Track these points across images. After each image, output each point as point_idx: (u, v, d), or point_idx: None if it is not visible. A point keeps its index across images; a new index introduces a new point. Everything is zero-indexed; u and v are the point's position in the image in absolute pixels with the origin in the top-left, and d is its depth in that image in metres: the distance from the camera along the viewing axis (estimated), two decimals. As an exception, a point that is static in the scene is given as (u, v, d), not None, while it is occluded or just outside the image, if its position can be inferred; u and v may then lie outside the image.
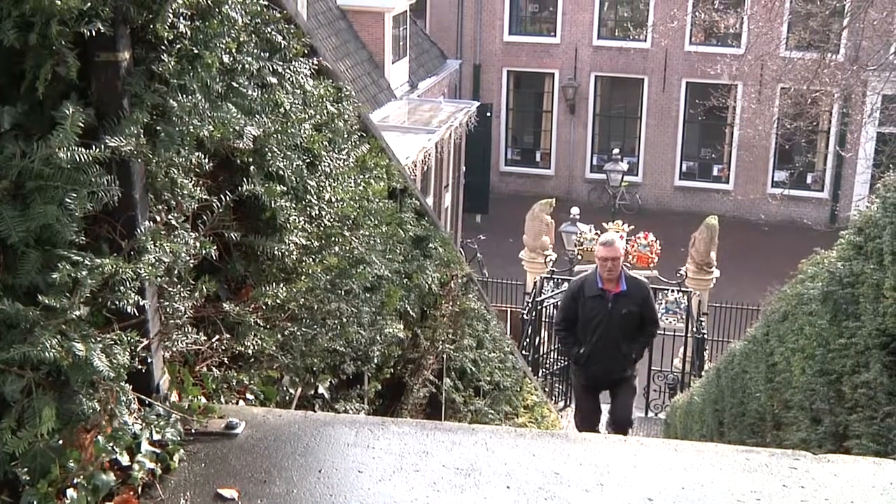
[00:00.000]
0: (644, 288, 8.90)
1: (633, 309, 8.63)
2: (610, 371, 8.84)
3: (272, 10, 3.18)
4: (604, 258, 8.59)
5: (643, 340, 8.99)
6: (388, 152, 5.04)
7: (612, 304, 8.61)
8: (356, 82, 23.08)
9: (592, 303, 8.66)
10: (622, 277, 8.72)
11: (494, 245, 25.98)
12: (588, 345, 8.76)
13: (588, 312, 8.69)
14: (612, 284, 8.63)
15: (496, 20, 32.73)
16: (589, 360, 8.81)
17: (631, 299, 8.64)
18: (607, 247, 8.62)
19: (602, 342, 8.68)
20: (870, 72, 18.40)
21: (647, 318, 8.84)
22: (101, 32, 2.22)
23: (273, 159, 3.12)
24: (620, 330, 8.65)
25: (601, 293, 8.64)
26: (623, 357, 8.79)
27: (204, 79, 2.59)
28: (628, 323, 8.66)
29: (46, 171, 2.11)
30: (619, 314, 8.61)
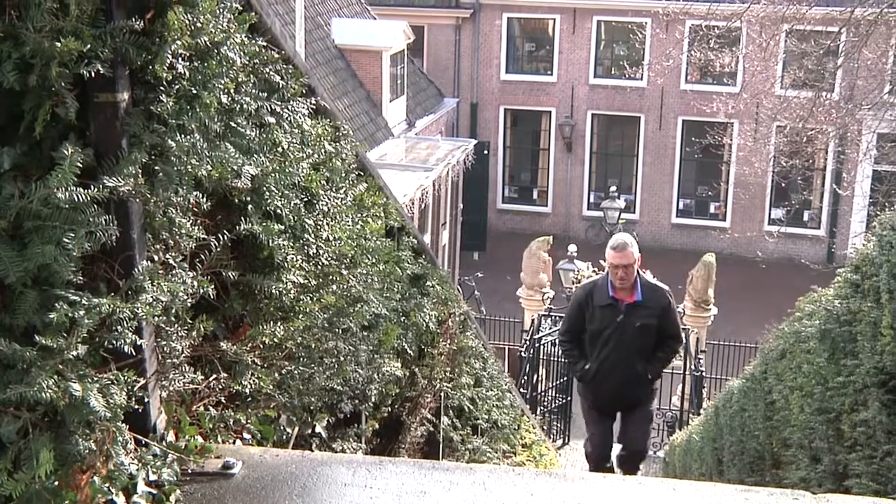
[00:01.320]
0: (664, 297, 7.60)
1: (649, 321, 7.44)
2: (621, 393, 7.67)
3: (270, 50, 3.21)
4: (614, 265, 7.39)
5: (661, 357, 7.68)
6: (386, 191, 5.06)
7: (624, 315, 7.43)
8: (354, 121, 23.17)
9: (602, 313, 7.49)
10: (637, 285, 7.51)
11: (492, 283, 25.97)
12: (595, 360, 7.60)
13: (597, 323, 7.53)
14: (626, 293, 7.47)
15: (493, 59, 32.93)
16: (597, 378, 7.65)
17: (648, 310, 7.44)
18: (618, 252, 7.38)
19: (612, 358, 7.53)
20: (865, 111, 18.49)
21: (666, 331, 7.59)
22: (100, 73, 2.23)
23: (271, 198, 3.13)
24: (634, 345, 7.48)
25: (612, 302, 7.46)
26: (637, 377, 7.56)
27: (202, 119, 2.61)
28: (643, 337, 7.49)
29: (45, 211, 2.11)
30: (632, 327, 7.43)
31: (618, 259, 7.36)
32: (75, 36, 2.12)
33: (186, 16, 2.51)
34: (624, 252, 7.35)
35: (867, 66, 19.15)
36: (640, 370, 7.54)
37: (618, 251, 7.37)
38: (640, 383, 7.61)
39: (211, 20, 2.63)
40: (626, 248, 7.37)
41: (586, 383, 7.80)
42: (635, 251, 7.43)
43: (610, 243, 7.55)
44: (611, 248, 7.45)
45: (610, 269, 7.47)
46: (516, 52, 33.37)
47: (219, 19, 2.70)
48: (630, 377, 7.55)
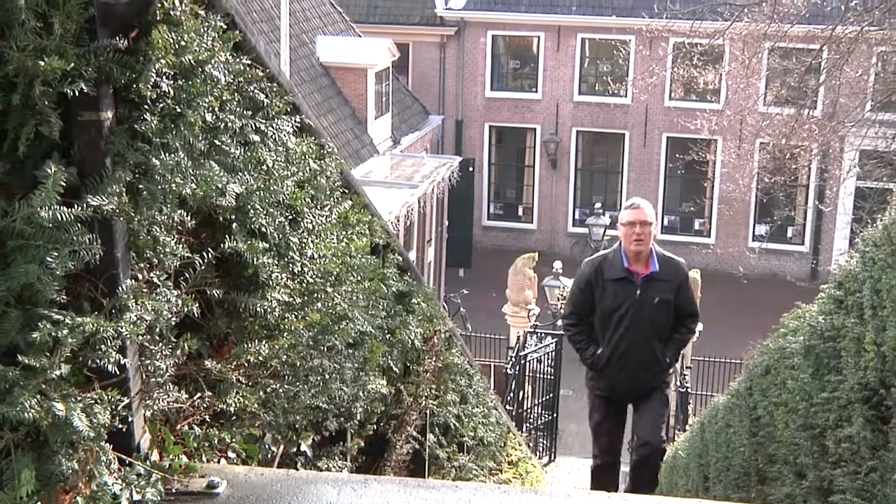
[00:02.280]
0: (681, 270, 6.98)
1: (667, 297, 6.80)
2: (638, 379, 6.93)
3: (255, 68, 3.21)
4: (630, 222, 6.72)
5: (679, 338, 7.01)
6: (371, 208, 5.06)
7: (641, 289, 6.76)
8: (339, 138, 23.19)
9: (616, 288, 6.80)
10: (653, 256, 6.84)
11: (477, 299, 25.97)
12: (610, 344, 6.89)
13: (609, 301, 6.83)
14: (642, 264, 6.79)
15: (478, 76, 33.03)
16: (610, 363, 6.92)
17: (665, 283, 6.80)
18: (634, 208, 6.76)
19: (629, 340, 6.83)
20: (847, 128, 18.63)
21: (683, 309, 6.95)
22: (84, 92, 2.23)
23: (255, 216, 3.13)
24: (651, 324, 6.82)
25: (627, 275, 6.78)
26: (655, 360, 6.89)
27: (187, 137, 2.61)
28: (662, 315, 6.84)
29: (28, 230, 2.11)
30: (650, 303, 6.77)
31: (634, 215, 6.71)
32: (59, 55, 2.12)
33: (171, 35, 2.52)
34: (640, 209, 6.75)
35: (849, 83, 19.29)
36: (657, 353, 6.87)
37: (634, 207, 6.78)
38: (657, 368, 6.94)
39: (195, 39, 2.63)
40: (642, 205, 6.81)
41: (598, 369, 7.05)
42: (651, 214, 6.83)
43: (624, 204, 6.98)
44: (626, 208, 6.87)
45: (625, 233, 6.78)
46: (501, 70, 33.49)
47: (203, 38, 2.70)
48: (647, 361, 6.86)
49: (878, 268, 4.20)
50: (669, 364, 7.00)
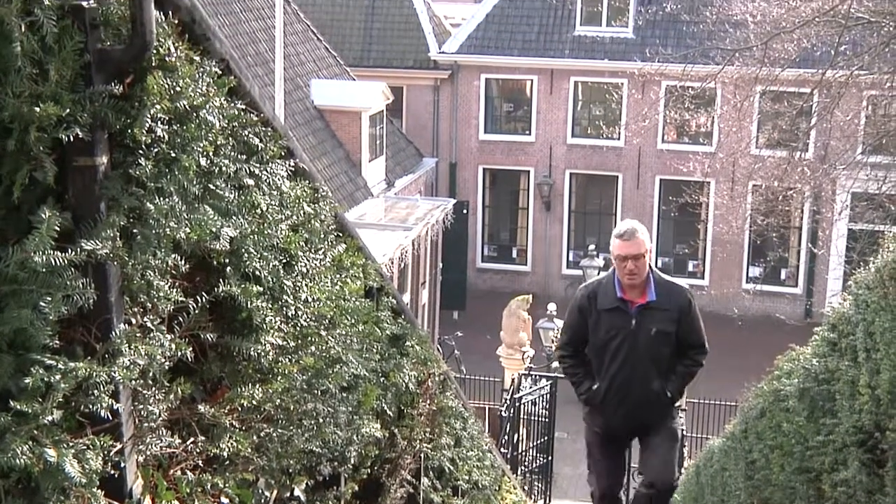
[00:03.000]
0: (682, 296, 6.36)
1: (666, 327, 6.24)
2: (637, 417, 6.44)
3: (250, 113, 3.22)
4: (622, 257, 6.14)
5: (683, 372, 6.40)
6: (365, 251, 5.07)
7: (636, 319, 6.23)
8: (333, 181, 23.26)
9: (609, 318, 6.29)
10: (650, 282, 6.26)
11: (472, 342, 25.92)
12: (605, 378, 6.38)
13: (603, 333, 6.31)
14: (637, 292, 6.25)
15: (472, 119, 33.21)
16: (607, 399, 6.43)
17: (664, 313, 6.23)
18: (626, 240, 6.14)
19: (624, 374, 6.32)
20: (839, 170, 18.75)
21: (687, 340, 6.35)
22: (79, 138, 2.24)
23: (250, 260, 3.13)
24: (649, 357, 6.27)
25: (621, 305, 6.27)
26: (654, 397, 6.34)
27: (181, 182, 2.61)
28: (660, 347, 6.27)
29: (21, 275, 2.10)
30: (647, 335, 6.23)
31: (625, 248, 6.11)
32: (55, 101, 2.13)
33: (166, 80, 2.53)
34: (633, 240, 6.11)
35: (840, 126, 19.43)
36: (657, 388, 6.32)
37: (625, 239, 6.13)
38: (658, 404, 6.37)
39: (190, 84, 2.65)
40: (635, 234, 6.13)
41: (594, 405, 6.57)
42: (646, 240, 6.21)
43: (615, 231, 6.30)
44: (616, 237, 6.20)
45: (616, 264, 6.23)
46: (494, 113, 33.69)
47: (198, 83, 2.72)
48: (646, 397, 6.32)
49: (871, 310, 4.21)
50: (672, 400, 6.41)
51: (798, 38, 16.73)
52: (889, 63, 16.06)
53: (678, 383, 6.42)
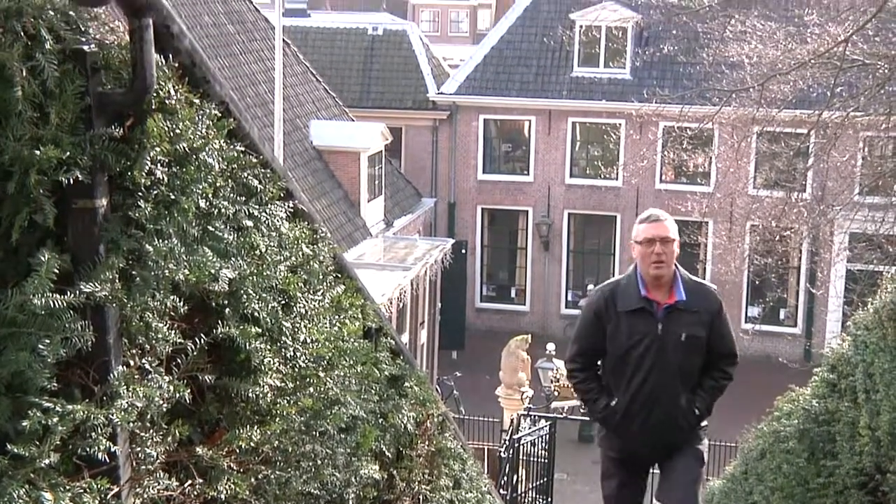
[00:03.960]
0: (713, 297, 5.63)
1: (697, 332, 5.44)
2: (662, 437, 5.59)
3: (249, 155, 3.24)
4: (648, 239, 5.38)
5: (713, 386, 5.61)
6: (364, 292, 5.07)
7: (663, 324, 5.42)
8: (332, 221, 23.29)
9: (632, 322, 5.47)
10: (678, 280, 5.49)
11: (471, 382, 25.84)
12: (626, 393, 5.54)
13: (624, 339, 5.48)
14: (664, 292, 5.45)
15: (470, 159, 33.32)
16: (627, 418, 5.58)
17: (694, 316, 5.45)
18: (652, 221, 5.43)
19: (649, 388, 5.48)
20: (836, 211, 18.80)
21: (718, 348, 5.57)
22: (79, 180, 2.25)
23: (248, 301, 3.13)
24: (678, 367, 5.46)
25: (645, 306, 5.45)
26: (683, 414, 5.53)
27: (180, 223, 2.62)
28: (691, 356, 5.47)
29: (20, 317, 2.10)
30: (675, 341, 5.43)
31: (653, 230, 5.36)
32: (55, 144, 2.15)
33: (166, 123, 2.55)
34: (660, 223, 5.39)
35: (837, 167, 19.51)
36: (684, 405, 5.51)
37: (651, 220, 5.42)
38: (686, 424, 5.58)
39: (190, 127, 2.66)
40: (664, 218, 5.45)
41: (612, 427, 5.72)
42: (674, 228, 5.47)
43: (640, 218, 5.58)
44: (640, 222, 5.49)
45: (641, 253, 5.41)
46: (493, 153, 33.80)
47: (198, 126, 2.73)
48: (673, 415, 5.51)
49: (870, 351, 4.21)
50: (700, 417, 5.62)
51: (794, 80, 16.84)
52: (884, 104, 16.16)
53: (708, 399, 5.59)
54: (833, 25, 16.03)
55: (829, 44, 15.54)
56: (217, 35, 24.22)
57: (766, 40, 17.93)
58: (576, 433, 22.82)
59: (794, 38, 17.63)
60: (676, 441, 5.62)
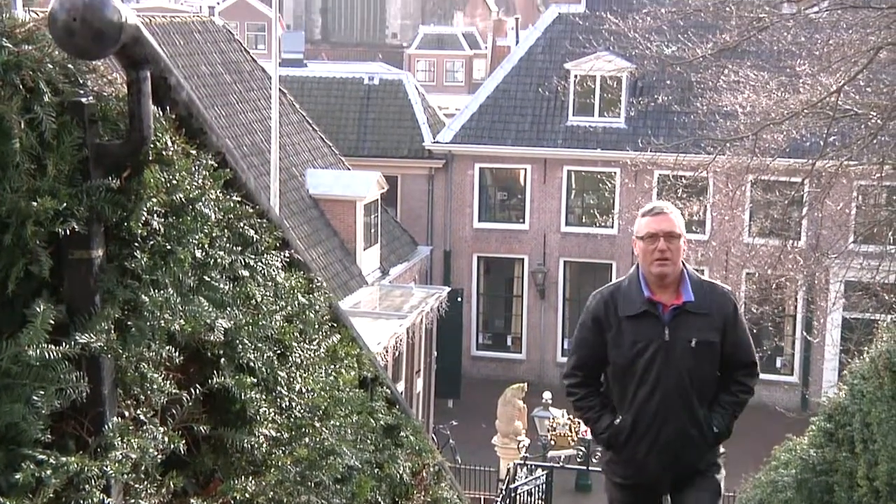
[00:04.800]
0: (725, 298, 5.01)
1: (708, 337, 4.85)
2: (675, 459, 4.95)
3: (245, 205, 3.25)
4: (650, 234, 4.81)
5: (731, 401, 4.99)
6: (359, 341, 5.06)
7: (670, 328, 4.84)
8: (328, 269, 23.30)
9: (635, 328, 4.89)
10: (685, 280, 4.90)
11: (467, 430, 25.70)
12: (632, 409, 4.93)
13: (627, 347, 4.90)
14: (670, 292, 4.88)
15: (466, 208, 33.40)
16: (634, 438, 4.96)
17: (705, 319, 4.86)
18: (655, 214, 4.87)
19: (658, 402, 4.86)
20: (831, 259, 18.84)
21: (735, 357, 4.97)
22: (75, 231, 2.25)
23: (244, 351, 3.13)
24: (690, 377, 4.85)
25: (650, 308, 4.87)
26: (698, 431, 4.91)
27: (176, 274, 2.62)
28: (703, 364, 4.87)
29: (14, 369, 2.10)
30: (684, 346, 4.83)
31: (655, 223, 4.81)
32: (52, 195, 2.16)
33: (162, 174, 2.56)
34: (664, 215, 4.84)
35: (831, 216, 19.58)
36: (700, 420, 4.89)
37: (654, 213, 4.87)
38: (701, 443, 4.94)
39: (186, 177, 2.68)
40: (669, 210, 4.90)
41: (618, 449, 5.09)
42: (681, 222, 4.90)
43: (642, 211, 5.00)
44: (642, 216, 4.93)
45: (642, 249, 4.88)
46: (489, 201, 33.90)
47: (194, 176, 2.75)
48: (686, 433, 4.89)
49: (867, 401, 4.20)
50: (718, 436, 4.97)
51: (787, 129, 16.95)
52: (877, 154, 16.26)
53: (726, 416, 4.95)
54: (825, 76, 16.16)
55: (821, 94, 15.66)
56: (214, 85, 24.37)
57: (759, 90, 18.07)
58: (573, 482, 22.67)
59: (787, 88, 17.78)
60: (691, 463, 4.97)
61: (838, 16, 16.54)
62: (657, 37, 19.44)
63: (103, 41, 2.17)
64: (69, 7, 2.12)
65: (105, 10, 2.14)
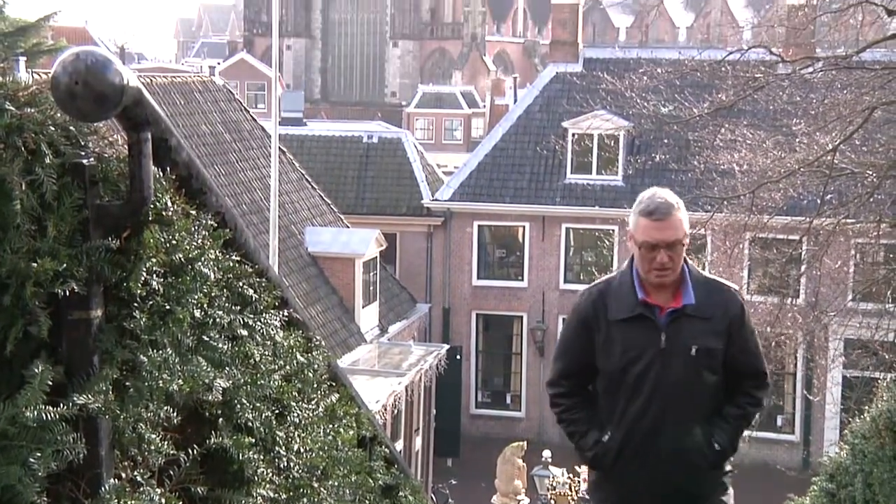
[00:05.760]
0: (732, 299, 4.42)
1: (710, 344, 4.28)
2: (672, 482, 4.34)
3: (244, 264, 3.26)
4: (649, 244, 4.17)
5: (737, 414, 4.43)
6: (358, 400, 5.04)
7: (667, 333, 4.27)
8: (326, 327, 23.25)
9: (627, 333, 4.31)
10: (686, 280, 4.32)
11: (466, 489, 25.48)
12: (621, 425, 4.36)
13: (618, 355, 4.32)
14: (667, 294, 4.30)
15: (465, 265, 33.43)
16: (625, 456, 4.37)
17: (706, 324, 4.29)
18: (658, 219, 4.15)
19: (651, 417, 4.30)
20: (830, 317, 18.83)
21: (742, 365, 4.39)
22: (74, 291, 2.26)
23: (242, 411, 3.11)
24: (688, 389, 4.29)
25: (644, 311, 4.29)
26: (698, 450, 4.32)
27: (175, 334, 2.62)
28: (703, 374, 4.30)
29: (11, 430, 2.09)
30: (683, 355, 4.26)
31: (657, 231, 4.15)
32: (52, 256, 2.16)
33: (162, 234, 2.57)
34: (668, 219, 4.16)
35: (829, 273, 19.59)
36: (699, 438, 4.33)
37: (657, 217, 4.16)
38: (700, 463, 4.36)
39: (186, 237, 2.69)
40: (672, 212, 4.17)
41: (606, 469, 4.48)
42: (685, 219, 4.25)
43: (639, 206, 4.25)
44: (641, 214, 4.22)
45: (640, 255, 4.26)
46: (487, 259, 33.93)
47: (194, 236, 2.76)
48: (684, 452, 4.31)
49: (868, 461, 4.17)
50: (721, 454, 4.39)
51: (785, 188, 17.04)
52: (874, 212, 16.32)
53: (730, 431, 4.39)
54: (821, 135, 16.29)
55: (817, 153, 15.77)
56: (214, 143, 24.53)
57: (755, 149, 18.19)
58: (572, 542, 22.45)
59: (784, 146, 17.90)
60: (692, 487, 4.39)
61: (833, 76, 16.71)
62: (654, 96, 19.59)
63: (105, 104, 2.19)
64: (72, 71, 2.14)
65: (107, 74, 2.17)
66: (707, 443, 4.35)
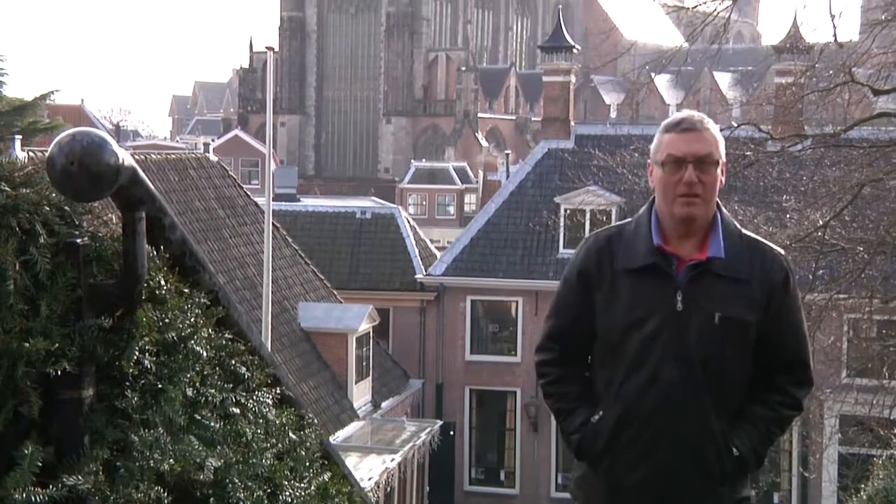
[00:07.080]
0: (777, 265, 3.39)
1: (740, 314, 3.31)
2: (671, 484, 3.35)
3: (237, 342, 3.25)
4: (675, 157, 3.34)
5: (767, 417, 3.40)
6: (351, 478, 4.99)
7: (685, 291, 3.32)
8: (319, 402, 23.10)
9: (635, 287, 3.37)
10: (717, 226, 3.40)
11: (459, 570, 25.12)
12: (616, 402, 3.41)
13: (621, 314, 3.38)
14: (691, 243, 3.39)
15: (457, 340, 33.33)
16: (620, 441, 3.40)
17: (739, 287, 3.32)
18: (685, 131, 3.35)
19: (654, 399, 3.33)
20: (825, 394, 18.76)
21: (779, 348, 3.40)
22: (66, 371, 2.25)
23: (233, 491, 3.08)
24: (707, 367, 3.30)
25: (659, 261, 3.36)
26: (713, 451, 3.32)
27: (167, 413, 2.61)
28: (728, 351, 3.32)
29: (0, 512, 2.07)
30: (703, 321, 3.31)
31: (684, 144, 3.33)
32: (44, 336, 2.16)
33: (155, 312, 2.57)
34: (697, 129, 3.35)
35: (823, 349, 19.57)
36: (715, 436, 3.33)
37: (683, 128, 3.37)
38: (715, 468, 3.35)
39: (179, 316, 2.69)
40: (704, 124, 3.37)
41: (593, 458, 3.49)
42: (719, 141, 3.37)
43: (665, 123, 3.51)
44: (665, 130, 3.44)
45: (664, 182, 3.42)
46: (480, 334, 33.85)
47: (187, 315, 2.76)
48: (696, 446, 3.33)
49: (865, 540, 4.13)
50: (740, 464, 3.39)
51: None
52: (866, 288, 16.37)
53: (755, 436, 3.39)
54: (811, 211, 16.40)
55: (808, 228, 15.86)
56: (208, 219, 24.61)
57: (746, 224, 18.25)
58: None
59: (774, 222, 18.01)
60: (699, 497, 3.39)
61: (821, 153, 16.88)
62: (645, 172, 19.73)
63: (100, 185, 2.21)
64: (68, 151, 2.16)
65: (103, 154, 2.19)
66: (725, 445, 3.34)
